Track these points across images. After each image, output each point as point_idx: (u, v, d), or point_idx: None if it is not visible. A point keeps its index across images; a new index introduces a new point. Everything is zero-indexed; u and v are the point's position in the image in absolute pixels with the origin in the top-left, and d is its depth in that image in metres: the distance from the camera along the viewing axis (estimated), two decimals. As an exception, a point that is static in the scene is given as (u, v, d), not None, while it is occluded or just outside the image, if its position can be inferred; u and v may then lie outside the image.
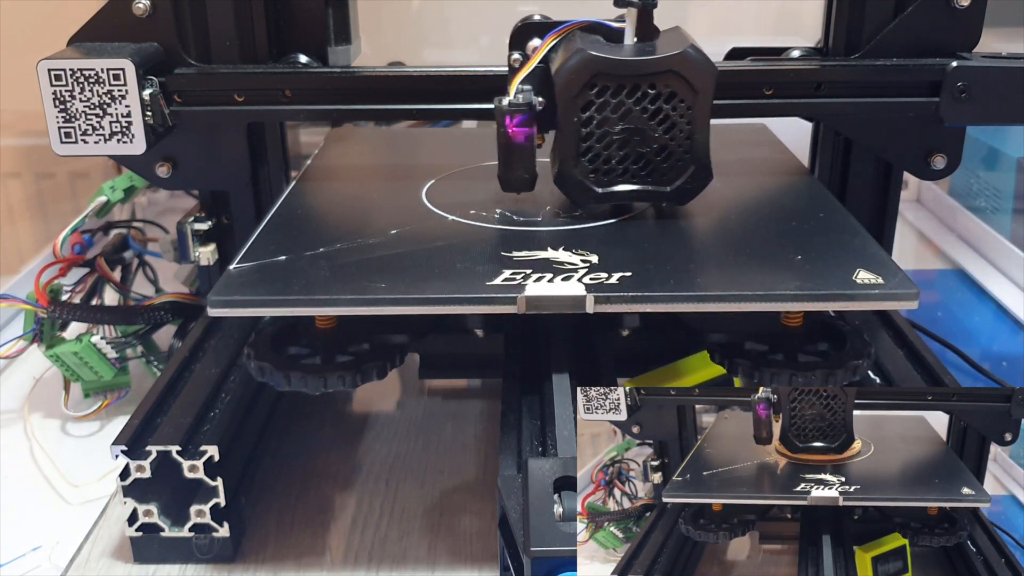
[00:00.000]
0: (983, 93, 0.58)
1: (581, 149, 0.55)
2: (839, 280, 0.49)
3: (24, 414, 0.71)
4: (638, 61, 0.52)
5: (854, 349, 0.55)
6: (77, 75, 0.55)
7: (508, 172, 0.55)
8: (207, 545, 0.55)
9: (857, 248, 0.53)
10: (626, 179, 0.55)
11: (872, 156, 0.66)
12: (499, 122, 0.54)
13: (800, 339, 0.57)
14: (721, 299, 0.48)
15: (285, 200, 0.62)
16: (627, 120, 0.54)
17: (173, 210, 1.03)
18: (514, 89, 0.54)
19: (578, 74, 0.53)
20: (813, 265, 0.51)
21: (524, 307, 0.48)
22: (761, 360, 0.55)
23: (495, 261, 0.52)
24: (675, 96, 0.53)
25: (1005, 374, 0.74)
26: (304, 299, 0.48)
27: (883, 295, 0.48)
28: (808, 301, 0.48)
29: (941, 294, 0.92)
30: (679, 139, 0.54)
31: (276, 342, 0.57)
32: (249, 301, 0.48)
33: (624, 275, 0.50)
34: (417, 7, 1.12)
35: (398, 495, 0.62)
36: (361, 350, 0.56)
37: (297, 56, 0.63)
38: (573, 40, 0.54)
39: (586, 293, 0.48)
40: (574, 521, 0.46)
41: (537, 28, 0.56)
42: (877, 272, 0.49)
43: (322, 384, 0.53)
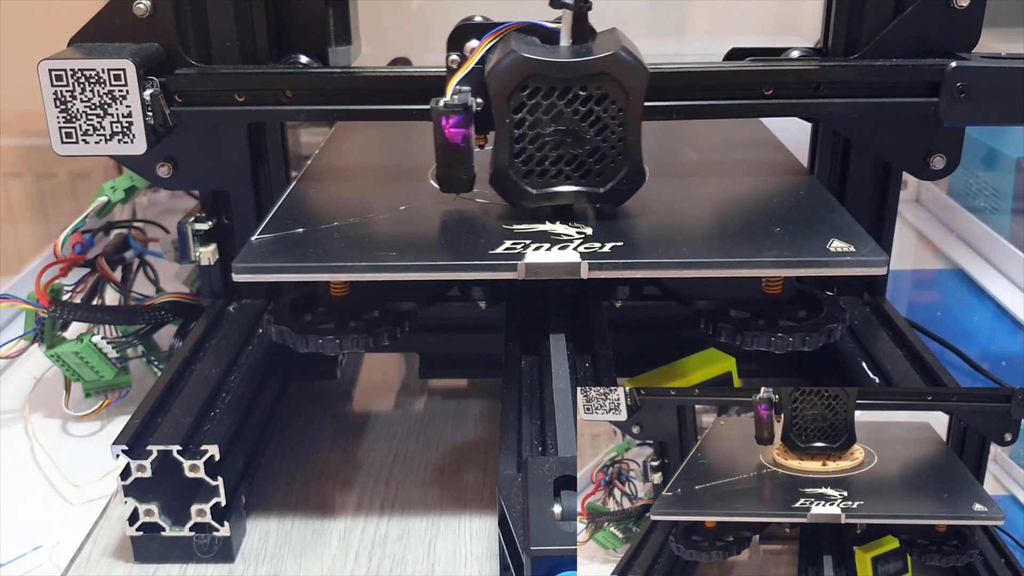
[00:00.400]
0: (982, 93, 0.58)
1: (515, 150, 0.55)
2: (814, 248, 0.52)
3: (25, 414, 0.71)
4: (570, 63, 0.53)
5: (830, 314, 0.59)
6: (78, 75, 0.55)
7: (446, 172, 0.55)
8: (208, 544, 0.55)
9: (833, 221, 0.56)
10: (560, 180, 0.56)
11: (872, 156, 0.66)
12: (436, 123, 0.54)
13: (780, 306, 0.60)
14: (705, 266, 0.51)
15: (298, 184, 0.65)
16: (559, 122, 0.54)
17: (173, 210, 1.03)
18: (451, 90, 0.54)
19: (510, 75, 0.53)
20: (791, 236, 0.54)
21: (524, 273, 0.51)
22: (743, 324, 0.58)
23: (497, 233, 0.54)
24: (607, 98, 0.53)
25: (1005, 374, 0.74)
26: (321, 266, 0.52)
27: (854, 262, 0.51)
28: (785, 267, 0.52)
29: (941, 294, 0.92)
30: (612, 141, 0.55)
31: (294, 310, 0.60)
32: (271, 268, 0.51)
33: (616, 244, 0.53)
34: (417, 7, 1.12)
35: (398, 495, 0.62)
36: (372, 317, 0.59)
37: (297, 56, 0.63)
38: (508, 41, 0.54)
39: (581, 260, 0.51)
40: (574, 520, 0.46)
41: (475, 29, 0.56)
42: (850, 241, 0.53)
43: (337, 346, 0.57)
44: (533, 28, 0.56)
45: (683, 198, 0.61)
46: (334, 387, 0.75)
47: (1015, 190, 0.94)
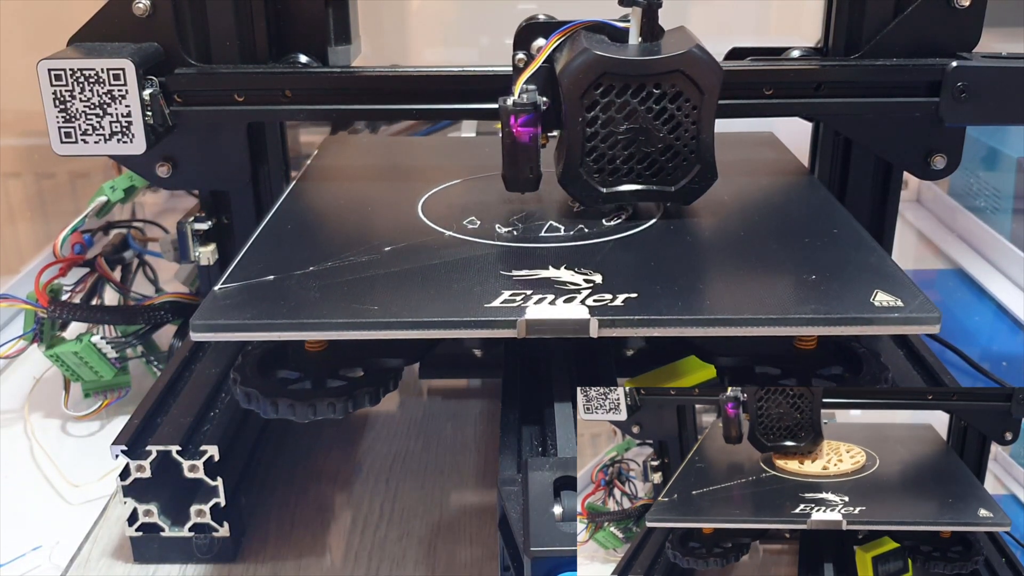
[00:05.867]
0: (983, 93, 0.58)
1: (586, 149, 0.55)
2: (856, 303, 0.46)
3: (24, 414, 0.71)
4: (644, 61, 0.52)
5: (871, 373, 0.53)
6: (77, 75, 0.55)
7: (513, 172, 0.55)
8: (207, 545, 0.55)
9: (873, 266, 0.50)
10: (631, 179, 0.55)
11: (872, 156, 0.66)
12: (504, 122, 0.54)
13: (814, 362, 0.54)
14: (732, 323, 0.45)
15: (276, 213, 0.60)
16: (632, 120, 0.54)
17: (173, 210, 1.03)
18: (519, 89, 0.54)
19: (584, 73, 0.52)
20: (828, 286, 0.48)
21: (524, 331, 0.46)
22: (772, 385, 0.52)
23: (494, 280, 0.49)
24: (680, 96, 0.53)
25: (1005, 374, 0.74)
26: (291, 323, 0.45)
27: (903, 319, 0.45)
28: (824, 325, 0.45)
29: (941, 294, 0.92)
30: (684, 139, 0.54)
31: (264, 365, 0.54)
32: (234, 325, 0.45)
33: (629, 296, 0.47)
34: (417, 7, 1.12)
35: (398, 495, 0.62)
36: (353, 375, 0.53)
37: (297, 56, 0.63)
38: (578, 40, 0.54)
39: (590, 316, 0.46)
40: (574, 521, 0.46)
41: (541, 28, 0.56)
42: (896, 294, 0.47)
43: (311, 412, 0.51)
44: (601, 26, 0.56)
45: (701, 234, 0.56)
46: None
47: (1015, 190, 0.94)
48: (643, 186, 0.56)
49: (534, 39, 0.56)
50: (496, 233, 0.56)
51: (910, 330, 0.46)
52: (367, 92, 0.60)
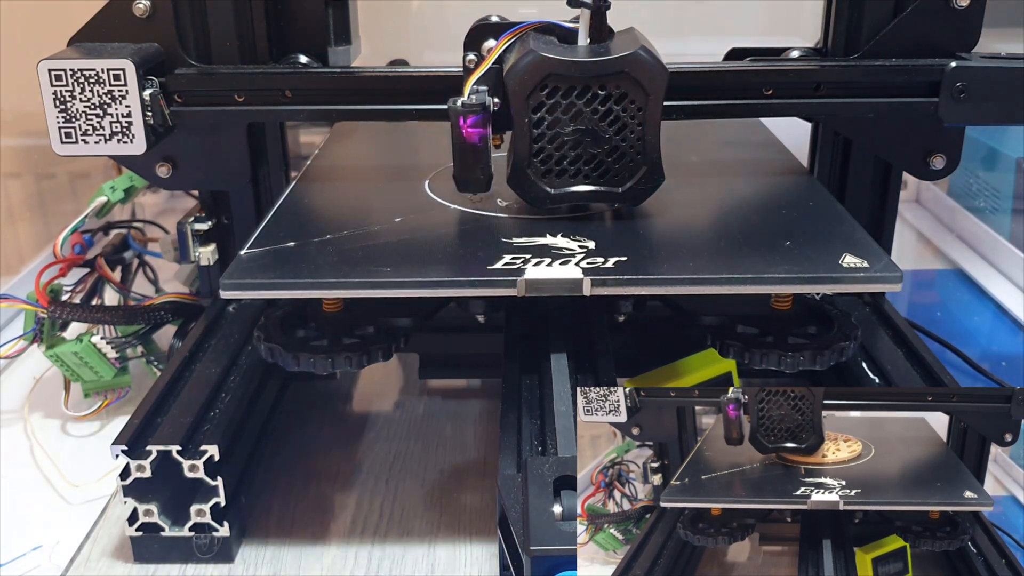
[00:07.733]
0: (982, 93, 0.58)
1: (533, 150, 0.55)
2: (826, 264, 0.51)
3: (24, 414, 0.71)
4: (589, 62, 0.53)
5: (841, 331, 0.57)
6: (77, 75, 0.55)
7: (463, 172, 0.55)
8: (207, 544, 0.55)
9: (844, 234, 0.54)
10: (579, 180, 0.56)
11: (872, 156, 0.66)
12: (453, 123, 0.54)
13: (789, 322, 0.58)
14: (713, 282, 0.50)
15: (292, 191, 0.64)
16: (578, 121, 0.54)
17: (173, 210, 1.03)
18: (468, 90, 0.54)
19: (530, 75, 0.53)
20: (801, 250, 0.52)
21: (523, 290, 0.50)
22: (751, 342, 0.56)
23: (496, 247, 0.53)
24: (626, 97, 0.54)
25: (1005, 374, 0.74)
26: (312, 282, 0.50)
27: (868, 278, 0.50)
28: (796, 284, 0.50)
29: (940, 294, 0.92)
30: (631, 140, 0.55)
31: (285, 325, 0.58)
32: (259, 284, 0.50)
33: (620, 259, 0.51)
34: (417, 7, 1.12)
35: (398, 495, 0.62)
36: (367, 333, 0.57)
37: (297, 56, 0.63)
38: (526, 41, 0.54)
39: (583, 276, 0.50)
40: (574, 520, 0.46)
41: (493, 29, 0.56)
42: (863, 256, 0.51)
43: (329, 364, 0.55)
44: (551, 28, 0.56)
45: (687, 206, 0.60)
46: (334, 387, 0.75)
47: (1015, 190, 0.94)
48: (591, 187, 0.56)
49: (485, 40, 0.56)
50: (498, 206, 0.59)
51: (875, 288, 0.51)
52: (367, 92, 0.60)
